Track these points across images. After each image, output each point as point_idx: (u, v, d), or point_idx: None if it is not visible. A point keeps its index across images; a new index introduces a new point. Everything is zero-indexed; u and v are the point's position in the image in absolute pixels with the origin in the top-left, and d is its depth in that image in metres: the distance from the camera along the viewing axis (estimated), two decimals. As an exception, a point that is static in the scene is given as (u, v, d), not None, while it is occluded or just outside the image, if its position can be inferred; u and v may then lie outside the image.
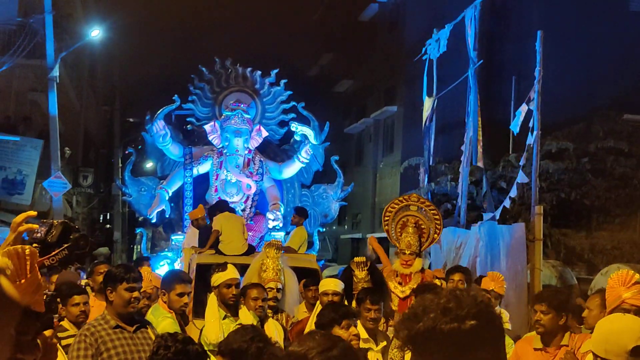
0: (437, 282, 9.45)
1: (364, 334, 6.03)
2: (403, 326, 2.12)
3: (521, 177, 14.30)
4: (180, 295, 6.38)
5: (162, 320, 6.24)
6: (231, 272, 6.91)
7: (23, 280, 2.46)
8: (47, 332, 3.20)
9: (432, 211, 10.47)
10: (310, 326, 7.15)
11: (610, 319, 3.59)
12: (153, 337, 5.52)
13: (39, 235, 3.40)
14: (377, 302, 6.61)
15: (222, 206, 12.91)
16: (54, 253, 3.43)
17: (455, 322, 2.02)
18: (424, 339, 2.05)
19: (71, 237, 3.50)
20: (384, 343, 6.17)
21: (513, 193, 14.94)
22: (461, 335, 2.01)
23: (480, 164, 15.92)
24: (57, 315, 5.97)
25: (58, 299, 3.54)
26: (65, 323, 6.38)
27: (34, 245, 3.38)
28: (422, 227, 10.22)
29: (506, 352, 2.18)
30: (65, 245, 3.44)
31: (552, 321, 5.69)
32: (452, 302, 2.06)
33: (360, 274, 8.03)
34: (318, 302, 7.60)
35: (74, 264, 5.21)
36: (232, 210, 13.05)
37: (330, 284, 7.72)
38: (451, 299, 2.07)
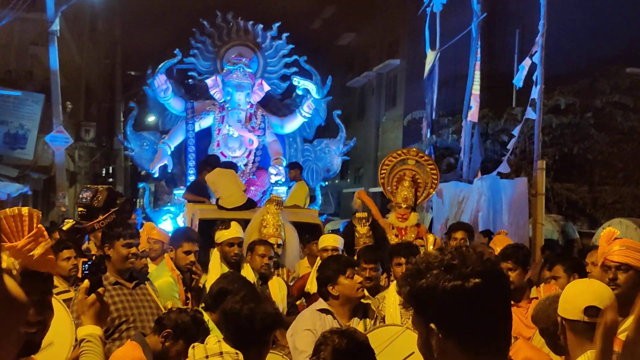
0: (430, 237, 9.46)
1: (365, 292, 6.03)
2: (405, 282, 2.05)
3: (516, 131, 14.47)
4: (187, 253, 6.38)
5: (160, 277, 6.24)
6: (234, 231, 6.92)
7: (20, 241, 2.44)
8: (100, 290, 3.25)
9: (429, 165, 10.44)
10: (312, 282, 7.17)
11: (573, 283, 3.76)
12: (152, 293, 5.56)
13: (84, 200, 3.39)
14: (372, 261, 6.60)
15: (212, 162, 12.96)
16: (102, 217, 3.44)
17: (458, 279, 1.95)
18: (426, 297, 1.98)
19: (118, 201, 3.51)
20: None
21: (510, 146, 15.02)
22: (464, 294, 1.94)
23: (471, 118, 15.88)
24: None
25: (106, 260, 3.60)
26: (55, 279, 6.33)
27: (80, 209, 3.38)
28: (419, 181, 10.21)
29: (512, 312, 2.14)
30: (113, 209, 3.45)
31: (520, 277, 5.85)
32: (456, 259, 1.99)
33: (362, 229, 8.03)
34: (318, 258, 7.61)
35: (119, 228, 5.25)
36: (223, 165, 13.07)
37: (330, 240, 7.72)
38: (456, 256, 2.00)
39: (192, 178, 15.05)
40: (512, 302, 5.64)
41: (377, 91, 36.13)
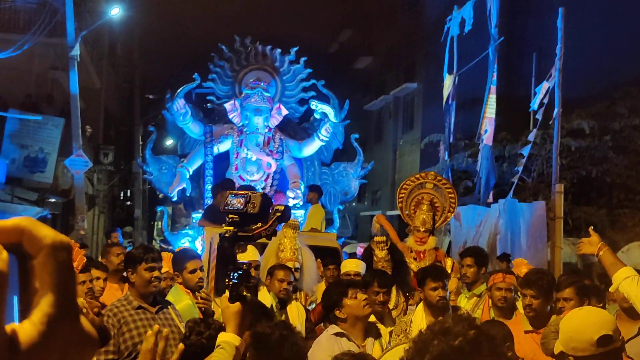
0: (449, 261, 9.43)
1: (372, 318, 5.99)
2: None
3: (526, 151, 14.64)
4: (193, 272, 6.39)
5: (180, 302, 6.25)
6: (251, 254, 6.95)
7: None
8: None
9: (447, 189, 10.45)
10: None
11: (569, 316, 3.59)
12: (175, 318, 5.58)
13: (236, 207, 3.21)
14: (385, 285, 6.57)
15: (227, 186, 13.00)
16: (267, 225, 3.30)
17: None
18: None
19: (277, 207, 3.35)
20: (392, 327, 6.16)
21: (519, 168, 15.08)
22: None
23: (486, 142, 15.88)
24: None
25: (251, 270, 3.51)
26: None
27: (230, 216, 3.23)
28: (437, 205, 10.20)
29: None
30: (275, 216, 3.30)
31: (542, 305, 5.73)
32: None
33: (381, 253, 8.03)
34: (340, 281, 7.62)
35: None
36: (240, 188, 13.08)
37: (352, 265, 7.73)
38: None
39: (209, 202, 15.11)
40: (530, 328, 5.66)
41: (394, 114, 36.20)
